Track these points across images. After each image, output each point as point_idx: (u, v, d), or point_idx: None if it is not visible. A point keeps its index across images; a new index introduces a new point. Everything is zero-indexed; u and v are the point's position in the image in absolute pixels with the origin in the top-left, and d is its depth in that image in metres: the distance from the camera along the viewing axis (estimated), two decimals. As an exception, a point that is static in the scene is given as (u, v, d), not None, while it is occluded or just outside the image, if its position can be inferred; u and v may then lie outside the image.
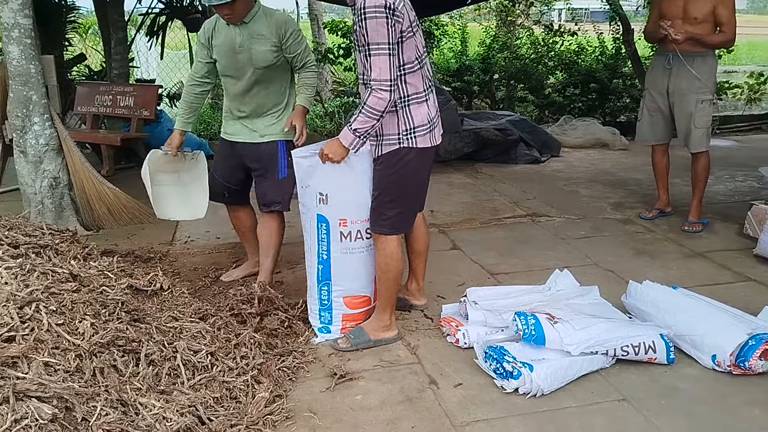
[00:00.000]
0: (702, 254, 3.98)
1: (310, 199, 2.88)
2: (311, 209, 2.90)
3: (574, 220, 4.68)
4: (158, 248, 4.14)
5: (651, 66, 4.57)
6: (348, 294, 2.98)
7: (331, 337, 2.97)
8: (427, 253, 3.21)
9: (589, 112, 8.33)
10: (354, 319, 3.01)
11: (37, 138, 4.26)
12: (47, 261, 2.70)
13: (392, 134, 2.71)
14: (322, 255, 2.93)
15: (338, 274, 2.94)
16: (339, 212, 2.86)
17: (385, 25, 2.50)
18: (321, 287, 2.97)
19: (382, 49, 2.52)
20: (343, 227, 2.87)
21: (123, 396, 2.13)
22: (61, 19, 7.58)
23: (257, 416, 2.33)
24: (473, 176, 6.04)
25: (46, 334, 2.21)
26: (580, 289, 3.21)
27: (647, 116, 4.52)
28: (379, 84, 2.54)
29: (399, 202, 2.80)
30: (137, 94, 6.49)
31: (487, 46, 9.34)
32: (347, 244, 2.90)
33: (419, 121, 2.71)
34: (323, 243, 2.91)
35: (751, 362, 2.59)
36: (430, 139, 2.77)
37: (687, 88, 4.24)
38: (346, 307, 2.99)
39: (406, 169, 2.75)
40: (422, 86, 2.72)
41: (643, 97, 4.57)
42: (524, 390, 2.50)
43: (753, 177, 5.72)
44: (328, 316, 3.00)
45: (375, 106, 2.56)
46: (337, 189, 2.82)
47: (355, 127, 2.61)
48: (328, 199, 2.83)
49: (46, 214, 4.30)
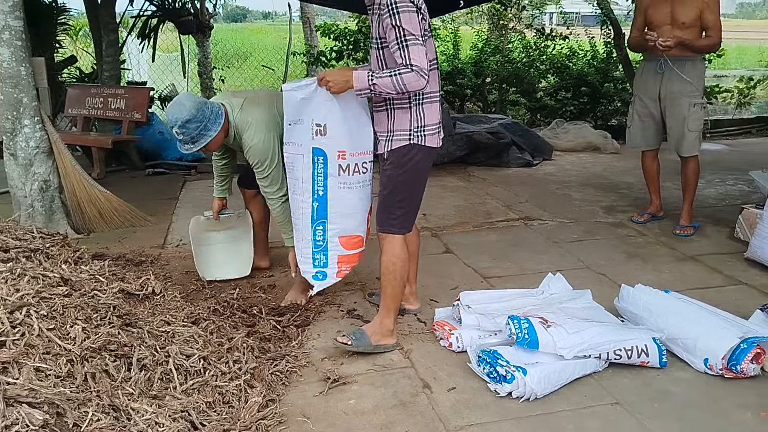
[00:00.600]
0: (694, 258, 4.00)
1: (305, 133, 2.80)
2: (305, 144, 2.82)
3: (567, 224, 4.70)
4: (150, 252, 4.12)
5: (640, 71, 4.52)
6: (344, 233, 2.92)
7: (328, 283, 2.92)
8: (418, 255, 3.22)
9: (581, 116, 8.37)
10: (349, 261, 2.97)
11: (28, 140, 4.23)
12: (38, 265, 2.68)
13: (404, 130, 2.73)
14: (317, 191, 2.85)
15: (335, 210, 2.88)
16: (338, 144, 2.79)
17: (416, 17, 2.56)
18: (315, 227, 2.90)
19: (417, 40, 2.54)
20: (341, 160, 2.81)
21: (115, 401, 2.11)
22: (52, 20, 7.56)
23: (250, 421, 2.32)
24: (466, 180, 6.05)
25: (37, 339, 2.19)
26: (572, 293, 3.21)
27: (638, 121, 4.51)
28: (419, 69, 2.54)
29: (407, 201, 2.81)
30: (128, 96, 6.47)
31: (479, 49, 9.36)
32: (345, 177, 2.84)
33: (430, 120, 2.74)
34: (319, 178, 2.83)
35: (742, 365, 2.60)
36: (437, 140, 2.80)
37: (679, 92, 4.25)
38: (342, 247, 2.93)
39: (415, 167, 2.77)
40: (437, 86, 2.77)
41: (633, 103, 4.54)
42: (518, 394, 2.50)
43: (743, 181, 5.75)
44: (324, 258, 2.92)
45: (407, 83, 2.54)
46: (336, 119, 2.76)
47: (376, 81, 2.58)
48: (326, 130, 2.76)
49: (37, 218, 4.27)
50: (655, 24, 4.21)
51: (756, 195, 5.08)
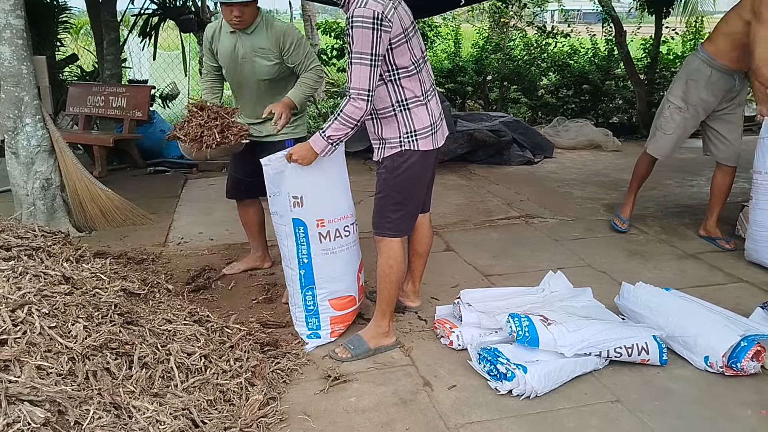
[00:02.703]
0: (694, 256, 4.00)
1: (283, 204, 2.84)
2: (285, 215, 2.85)
3: (568, 222, 4.70)
4: (151, 250, 4.13)
5: (702, 83, 3.97)
6: (333, 296, 2.94)
7: (321, 342, 2.94)
8: (428, 255, 3.21)
9: (582, 114, 8.37)
10: (342, 320, 2.99)
11: (29, 139, 4.23)
12: (39, 263, 2.69)
13: (393, 137, 2.71)
14: (302, 259, 2.88)
15: (321, 276, 2.90)
16: (315, 213, 2.82)
17: (370, 36, 2.49)
18: (305, 293, 2.92)
19: (365, 60, 2.51)
20: (321, 227, 2.83)
21: (116, 399, 2.11)
22: (53, 19, 7.56)
23: (251, 419, 2.32)
24: (467, 177, 6.05)
25: (39, 337, 2.19)
26: (573, 291, 3.22)
27: (681, 132, 4.15)
28: (357, 93, 2.53)
29: (403, 204, 2.79)
30: (130, 94, 6.48)
31: (480, 47, 9.36)
32: (327, 244, 2.86)
33: (420, 124, 2.71)
34: (302, 247, 2.86)
35: (743, 363, 2.60)
36: (433, 142, 2.76)
37: (740, 103, 4.09)
38: (333, 309, 2.95)
39: (409, 171, 2.74)
40: (420, 90, 2.71)
41: (682, 112, 4.08)
42: (518, 392, 2.51)
43: (744, 179, 5.72)
44: (316, 321, 2.95)
45: (351, 115, 2.55)
46: (311, 190, 2.79)
47: (329, 134, 2.60)
48: (303, 201, 2.79)
49: (38, 216, 4.28)
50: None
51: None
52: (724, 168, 4.19)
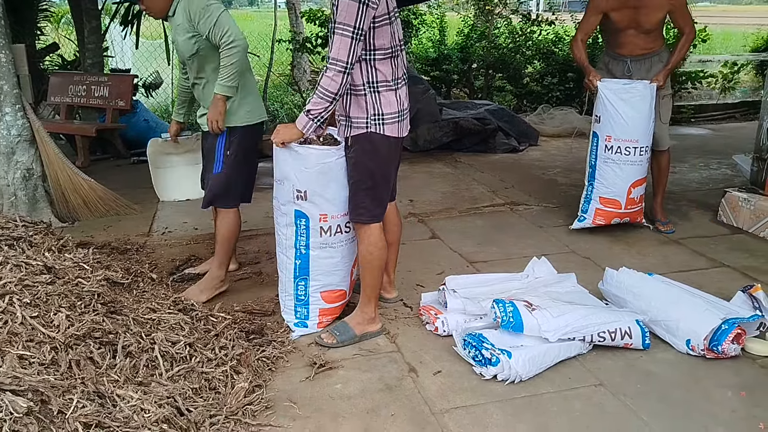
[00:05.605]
0: (677, 241, 4.04)
1: (286, 194, 2.81)
2: (287, 204, 2.82)
3: (552, 209, 4.72)
4: (135, 240, 4.10)
5: (604, 70, 4.21)
6: (326, 288, 2.93)
7: (308, 331, 2.94)
8: (399, 244, 3.20)
9: (567, 102, 8.38)
10: (331, 313, 2.98)
11: (9, 129, 4.18)
12: (21, 253, 2.66)
13: (360, 117, 2.69)
14: (300, 249, 2.86)
15: (317, 269, 2.89)
16: (320, 208, 2.80)
17: (356, 8, 2.48)
18: (297, 282, 2.91)
19: (347, 31, 2.50)
20: (323, 222, 2.82)
21: (100, 388, 2.10)
22: (33, 7, 7.44)
23: (237, 406, 2.33)
24: (452, 165, 6.06)
25: (20, 326, 2.18)
26: (557, 277, 3.24)
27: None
28: (334, 63, 2.52)
29: (373, 189, 2.77)
30: (112, 84, 6.39)
31: (466, 35, 9.34)
32: (327, 238, 2.85)
33: (389, 109, 2.69)
34: (302, 238, 2.84)
35: (723, 346, 2.64)
36: (398, 130, 2.74)
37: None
38: (323, 301, 2.94)
39: (378, 155, 2.73)
40: (392, 76, 2.69)
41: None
42: (503, 377, 2.53)
43: (726, 165, 5.81)
44: (305, 311, 2.95)
45: (328, 87, 2.54)
46: (316, 186, 2.77)
47: (309, 108, 2.60)
48: (307, 196, 2.77)
49: (20, 206, 4.23)
50: (621, 28, 4.00)
51: (739, 179, 5.14)
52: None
